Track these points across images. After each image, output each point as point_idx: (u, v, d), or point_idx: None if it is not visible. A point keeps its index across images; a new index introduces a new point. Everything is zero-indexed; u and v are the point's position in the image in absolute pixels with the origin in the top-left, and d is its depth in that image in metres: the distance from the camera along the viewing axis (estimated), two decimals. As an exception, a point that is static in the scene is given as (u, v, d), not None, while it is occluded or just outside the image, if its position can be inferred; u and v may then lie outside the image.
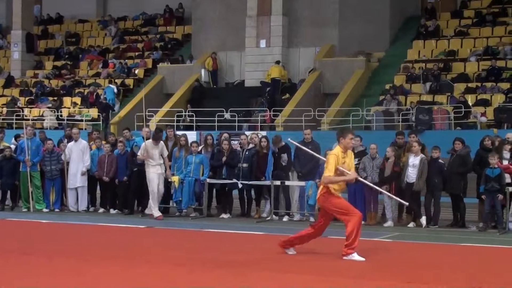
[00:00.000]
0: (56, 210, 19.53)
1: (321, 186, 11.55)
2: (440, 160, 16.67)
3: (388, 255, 12.40)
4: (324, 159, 11.98)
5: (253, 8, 32.52)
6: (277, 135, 19.23)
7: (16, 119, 31.58)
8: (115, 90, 33.56)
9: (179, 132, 22.34)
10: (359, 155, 17.42)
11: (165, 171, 18.18)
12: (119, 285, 9.27)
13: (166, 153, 18.28)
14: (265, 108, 29.36)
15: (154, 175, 17.88)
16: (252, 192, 18.64)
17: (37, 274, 9.89)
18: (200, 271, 10.22)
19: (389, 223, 16.83)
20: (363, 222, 16.82)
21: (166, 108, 30.86)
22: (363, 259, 11.13)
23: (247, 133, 22.31)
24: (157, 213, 17.87)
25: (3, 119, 32.52)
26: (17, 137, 21.28)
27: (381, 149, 17.50)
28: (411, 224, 16.66)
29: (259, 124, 28.09)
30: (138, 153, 18.08)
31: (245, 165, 18.23)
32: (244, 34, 32.72)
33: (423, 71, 28.92)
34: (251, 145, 18.55)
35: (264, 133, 23.49)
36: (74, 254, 11.65)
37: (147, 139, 18.30)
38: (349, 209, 11.48)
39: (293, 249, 11.88)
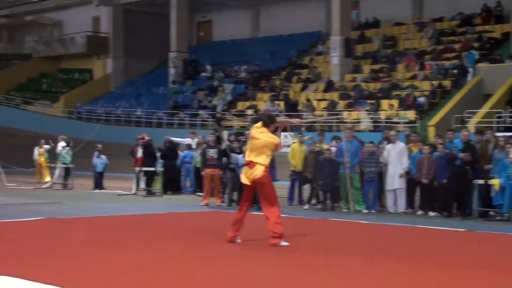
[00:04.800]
0: (373, 211, 19.86)
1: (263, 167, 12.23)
2: None
3: None
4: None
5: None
6: None
7: (335, 122, 32.64)
8: (476, 56, 34.71)
9: (499, 134, 21.69)
10: None
11: None
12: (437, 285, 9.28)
13: None
14: None
15: None
16: None
17: (357, 273, 10.14)
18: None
19: None
20: None
21: (485, 109, 30.06)
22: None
23: None
24: None
25: (324, 122, 33.76)
26: (336, 139, 21.89)
27: None
28: None
29: None
30: None
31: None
32: None
33: None
34: None
35: None
36: (394, 255, 11.80)
37: (467, 143, 18.04)
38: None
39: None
